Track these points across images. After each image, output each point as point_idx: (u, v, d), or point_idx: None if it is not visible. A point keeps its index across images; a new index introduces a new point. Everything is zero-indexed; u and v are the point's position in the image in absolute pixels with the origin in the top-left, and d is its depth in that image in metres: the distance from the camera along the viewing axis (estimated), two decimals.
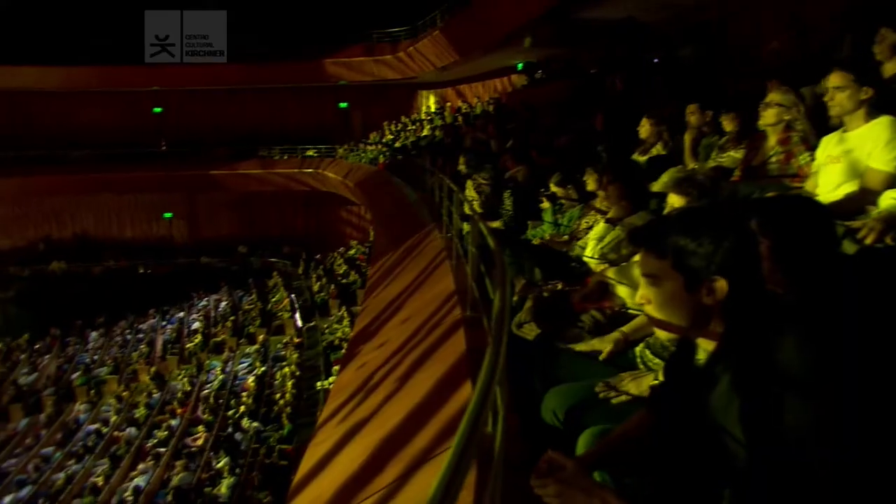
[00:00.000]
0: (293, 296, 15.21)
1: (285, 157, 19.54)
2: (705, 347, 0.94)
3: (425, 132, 14.19)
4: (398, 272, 4.41)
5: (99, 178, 18.95)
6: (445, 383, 2.08)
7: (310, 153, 19.44)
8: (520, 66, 13.09)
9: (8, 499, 9.50)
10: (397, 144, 14.48)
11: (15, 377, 14.56)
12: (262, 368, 11.99)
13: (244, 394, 11.13)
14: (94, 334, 16.66)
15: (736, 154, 2.92)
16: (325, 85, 19.34)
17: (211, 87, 19.19)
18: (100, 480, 9.71)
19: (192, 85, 18.86)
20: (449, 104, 16.18)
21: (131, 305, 17.88)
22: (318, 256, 18.24)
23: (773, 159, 2.47)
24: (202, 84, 18.91)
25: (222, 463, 9.26)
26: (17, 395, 13.59)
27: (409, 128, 15.61)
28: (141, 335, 16.10)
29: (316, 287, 15.40)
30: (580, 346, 1.74)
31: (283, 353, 12.65)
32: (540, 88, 10.98)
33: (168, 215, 20.71)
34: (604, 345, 1.69)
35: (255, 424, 10.00)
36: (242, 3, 16.26)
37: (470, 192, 4.31)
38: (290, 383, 10.93)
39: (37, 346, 16.57)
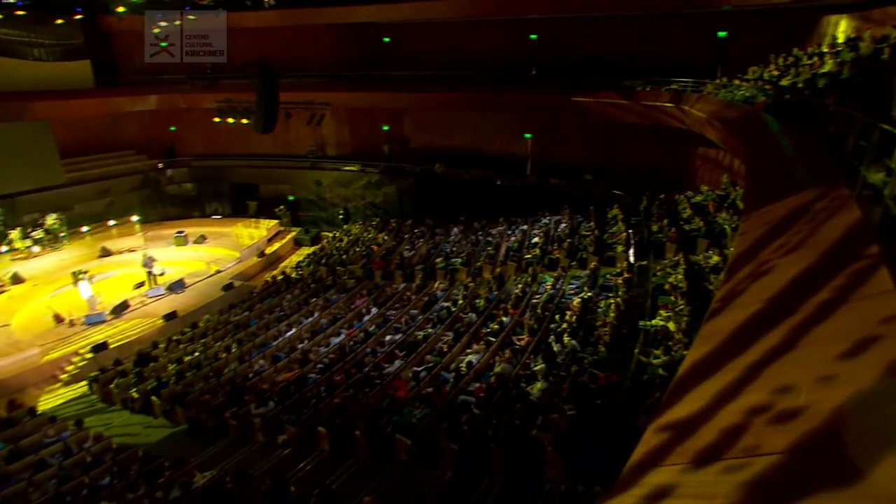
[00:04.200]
0: (630, 231, 15.07)
1: (647, 89, 18.75)
2: None
3: (826, 68, 11.63)
4: (785, 236, 3.79)
5: (479, 97, 21.60)
6: None
7: (674, 86, 18.18)
8: None
9: (388, 338, 12.56)
10: (784, 82, 12.29)
11: (400, 250, 18.62)
12: (589, 294, 12.41)
13: (568, 312, 11.76)
14: (455, 229, 19.78)
15: None
16: (703, 11, 17.46)
17: (585, 14, 19.35)
18: (444, 347, 11.84)
19: (568, 12, 19.33)
20: (869, 31, 12.77)
21: (486, 211, 20.53)
22: (662, 196, 17.45)
23: None
24: (578, 11, 19.22)
25: (539, 367, 10.15)
26: (400, 264, 17.41)
27: (804, 62, 13.00)
28: (490, 238, 18.35)
29: (655, 227, 14.89)
30: None
31: (611, 284, 12.83)
32: None
33: (528, 136, 22.44)
34: None
35: (573, 343, 10.52)
36: None
37: None
38: (612, 314, 11.10)
39: (416, 230, 20.69)
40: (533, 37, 21.10)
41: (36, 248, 20.03)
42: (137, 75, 24.89)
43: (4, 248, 19.50)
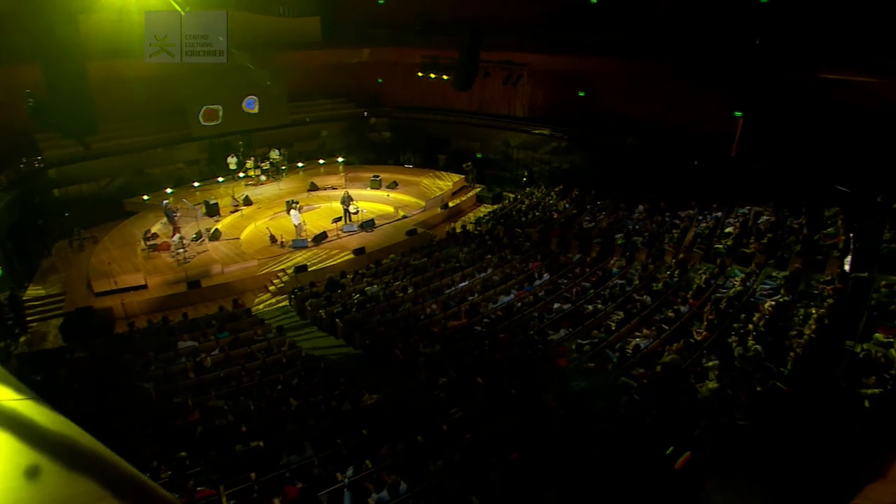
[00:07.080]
0: (852, 235, 12.97)
1: None
2: None
3: None
4: None
5: (686, 69, 19.61)
6: None
7: None
8: None
9: (556, 305, 12.58)
10: None
11: (580, 220, 18.26)
12: (786, 298, 11.08)
13: (756, 314, 10.67)
14: (640, 207, 18.75)
15: None
16: None
17: None
18: (612, 325, 11.52)
19: None
20: None
21: (677, 191, 19.05)
22: None
23: None
24: None
25: (711, 364, 9.45)
26: (578, 234, 17.09)
27: None
28: (677, 221, 17.10)
29: (888, 235, 12.63)
30: None
31: (816, 292, 11.28)
32: None
33: (738, 114, 20.06)
34: None
35: (758, 347, 9.57)
36: None
37: None
38: (812, 326, 9.82)
39: (599, 202, 20.04)
40: (764, 0, 18.47)
41: (263, 177, 23.53)
42: (357, 29, 27.19)
43: (241, 175, 23.18)
